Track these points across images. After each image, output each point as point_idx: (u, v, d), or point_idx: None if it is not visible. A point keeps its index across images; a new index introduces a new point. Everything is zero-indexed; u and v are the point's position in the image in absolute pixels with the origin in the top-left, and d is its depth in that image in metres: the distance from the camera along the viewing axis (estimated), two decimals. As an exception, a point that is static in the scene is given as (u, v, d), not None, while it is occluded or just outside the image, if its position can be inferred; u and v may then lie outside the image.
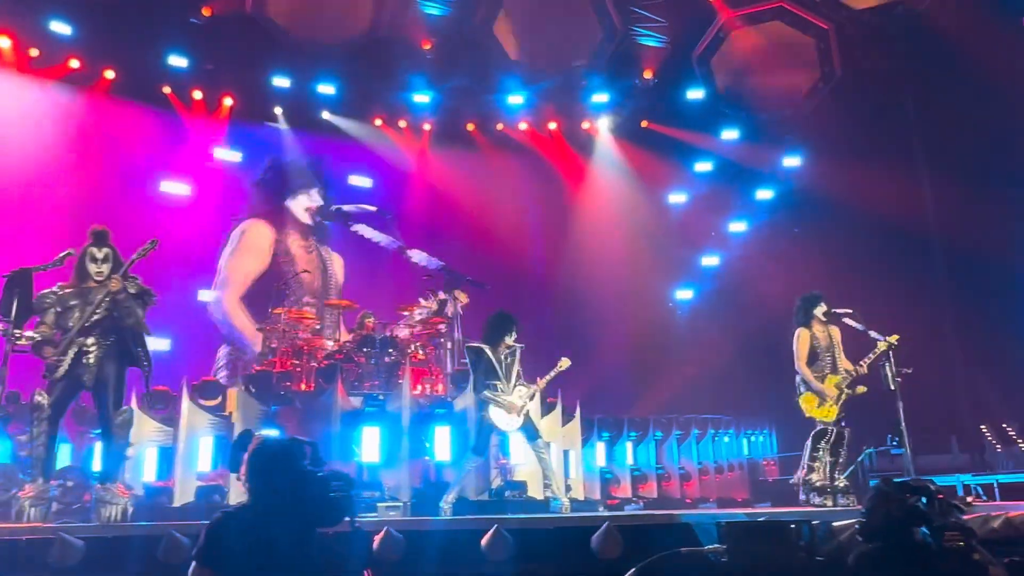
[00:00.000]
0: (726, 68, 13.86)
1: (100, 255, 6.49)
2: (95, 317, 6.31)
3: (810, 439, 7.80)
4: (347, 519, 3.47)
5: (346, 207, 15.03)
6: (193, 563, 3.32)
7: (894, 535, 3.44)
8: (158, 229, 12.09)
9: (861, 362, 7.65)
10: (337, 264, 12.67)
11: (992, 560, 3.43)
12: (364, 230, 12.69)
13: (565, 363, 8.03)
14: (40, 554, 4.54)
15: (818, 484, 7.50)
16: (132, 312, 6.43)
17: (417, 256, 10.53)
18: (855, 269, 12.50)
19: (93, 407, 7.40)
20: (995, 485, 9.65)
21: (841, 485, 7.51)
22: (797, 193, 14.75)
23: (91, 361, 6.32)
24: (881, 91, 13.44)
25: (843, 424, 7.72)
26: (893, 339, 7.45)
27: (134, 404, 7.88)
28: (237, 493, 3.98)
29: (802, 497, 7.65)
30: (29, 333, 6.23)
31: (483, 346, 7.76)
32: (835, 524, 5.02)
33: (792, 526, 4.15)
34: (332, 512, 3.42)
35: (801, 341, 7.85)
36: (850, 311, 7.81)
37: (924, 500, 3.44)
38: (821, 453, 7.65)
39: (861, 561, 3.55)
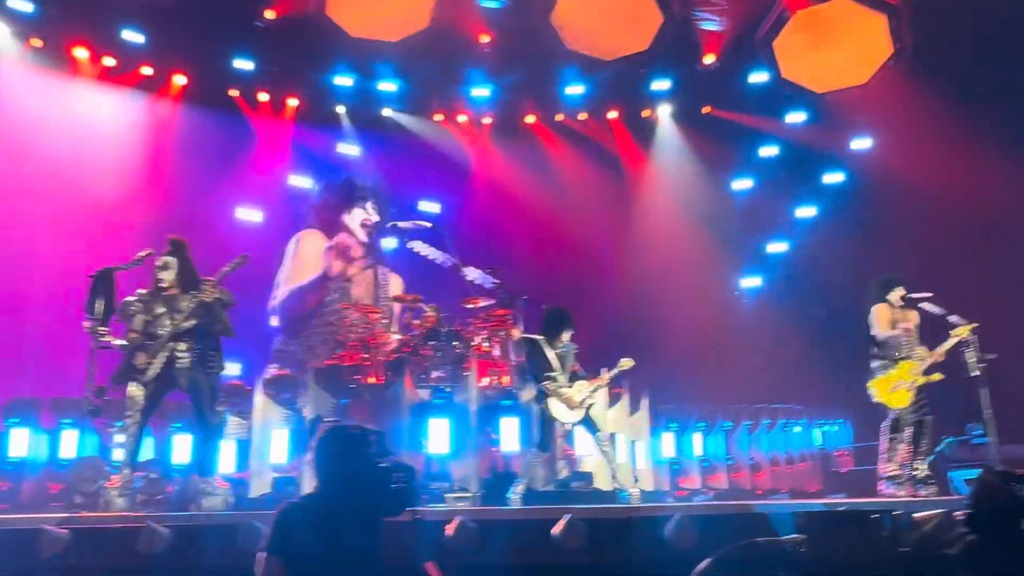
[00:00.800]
0: (791, 49, 13.47)
1: (161, 263, 6.73)
2: (187, 325, 6.57)
3: (884, 430, 7.55)
4: (409, 510, 3.52)
5: (402, 224, 15.07)
6: (264, 554, 3.38)
7: (1001, 526, 3.33)
8: (232, 243, 12.56)
9: (938, 348, 7.36)
10: (395, 284, 12.61)
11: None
12: (419, 247, 12.52)
13: (628, 363, 7.95)
14: (129, 541, 4.72)
15: (896, 474, 7.26)
16: (220, 318, 6.70)
17: (472, 274, 10.51)
18: (931, 255, 12.06)
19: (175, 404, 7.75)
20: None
21: (921, 475, 7.24)
22: (867, 177, 14.32)
23: (184, 365, 6.60)
24: (957, 69, 12.88)
25: (924, 411, 7.44)
26: (966, 329, 7.16)
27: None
28: (309, 482, 4.06)
29: (883, 489, 7.41)
30: (119, 341, 6.52)
31: (537, 338, 7.75)
32: (916, 515, 4.88)
33: (874, 516, 4.03)
34: (394, 502, 3.47)
35: (880, 314, 7.56)
36: (929, 295, 7.53)
37: (1030, 488, 3.32)
38: (896, 443, 7.40)
39: (967, 553, 3.44)
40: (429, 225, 13.06)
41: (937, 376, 7.43)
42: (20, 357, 11.44)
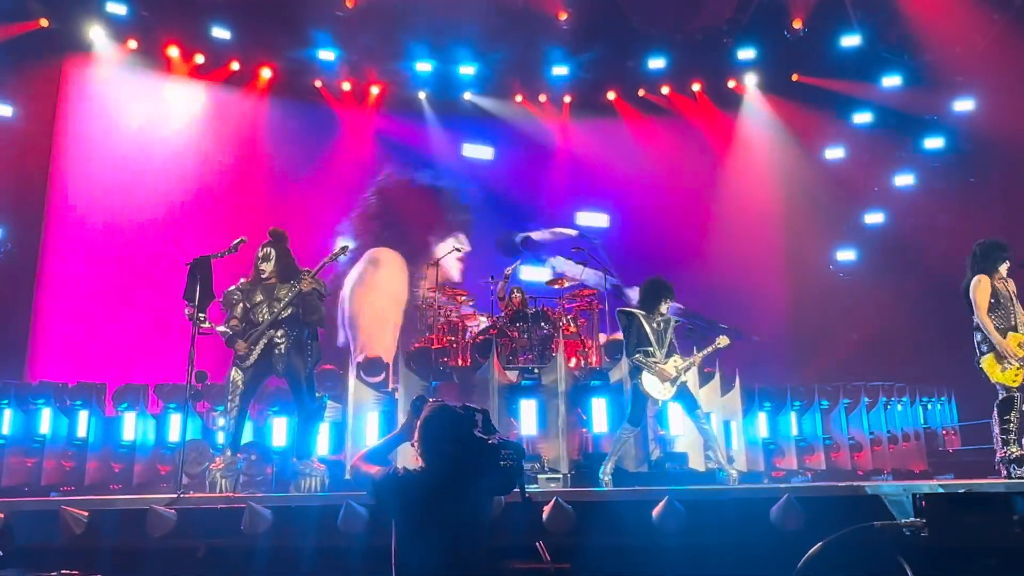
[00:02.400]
0: (885, 8, 12.78)
1: (262, 254, 6.85)
2: (285, 313, 6.69)
3: (995, 411, 7.00)
4: (516, 489, 3.47)
5: (536, 235, 14.54)
6: (373, 479, 3.47)
7: None
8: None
9: None
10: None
11: None
12: (564, 265, 11.33)
13: (724, 341, 7.59)
14: (233, 521, 4.81)
15: (1016, 456, 6.74)
16: (316, 309, 6.81)
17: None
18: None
19: (273, 388, 7.93)
20: None
21: (1017, 454, 6.70)
22: (971, 140, 13.52)
23: (281, 351, 6.73)
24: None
25: None
26: None
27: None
28: (405, 460, 4.04)
29: (1003, 473, 6.90)
30: (221, 328, 6.70)
31: (636, 311, 7.50)
32: (1046, 497, 4.52)
33: (1003, 498, 3.72)
34: (502, 480, 3.43)
35: (981, 289, 6.98)
36: (1022, 266, 6.96)
37: None
38: (1011, 424, 6.85)
39: None
40: (573, 233, 12.06)
41: None
42: (128, 345, 11.97)
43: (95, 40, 12.61)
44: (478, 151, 15.32)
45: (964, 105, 13.73)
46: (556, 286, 10.83)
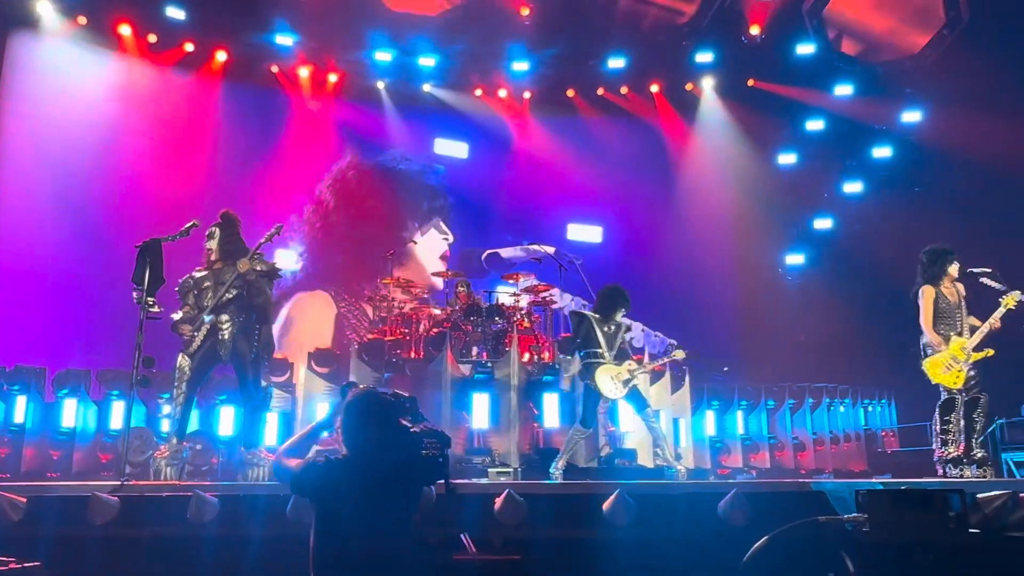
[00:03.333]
0: (840, 19, 13.09)
1: (207, 233, 6.75)
2: (228, 296, 6.57)
3: (937, 411, 7.25)
4: (442, 481, 3.40)
5: (505, 252, 14.33)
6: (291, 471, 3.34)
7: None
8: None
9: (991, 319, 7.01)
10: None
11: None
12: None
13: (680, 354, 7.81)
14: (179, 510, 4.73)
15: (953, 456, 6.98)
16: (261, 291, 6.67)
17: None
18: (984, 231, 11.65)
19: (220, 376, 7.77)
20: None
21: (978, 456, 6.96)
22: (918, 150, 13.91)
23: (225, 337, 6.59)
24: (1012, 37, 12.37)
25: (977, 390, 7.13)
26: (1014, 297, 6.84)
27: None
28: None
29: (940, 472, 7.14)
30: (173, 314, 6.56)
31: (589, 314, 7.61)
32: (981, 496, 4.69)
33: (941, 495, 3.85)
34: (425, 469, 3.36)
35: (926, 298, 7.22)
36: (988, 270, 7.20)
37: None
38: (951, 425, 7.09)
39: None
40: (549, 251, 11.47)
41: (990, 352, 7.09)
42: (69, 329, 11.63)
43: (43, 14, 12.20)
44: (451, 147, 15.26)
45: (912, 116, 14.10)
46: (511, 281, 10.85)
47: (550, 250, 11.36)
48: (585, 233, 15.33)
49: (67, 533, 4.65)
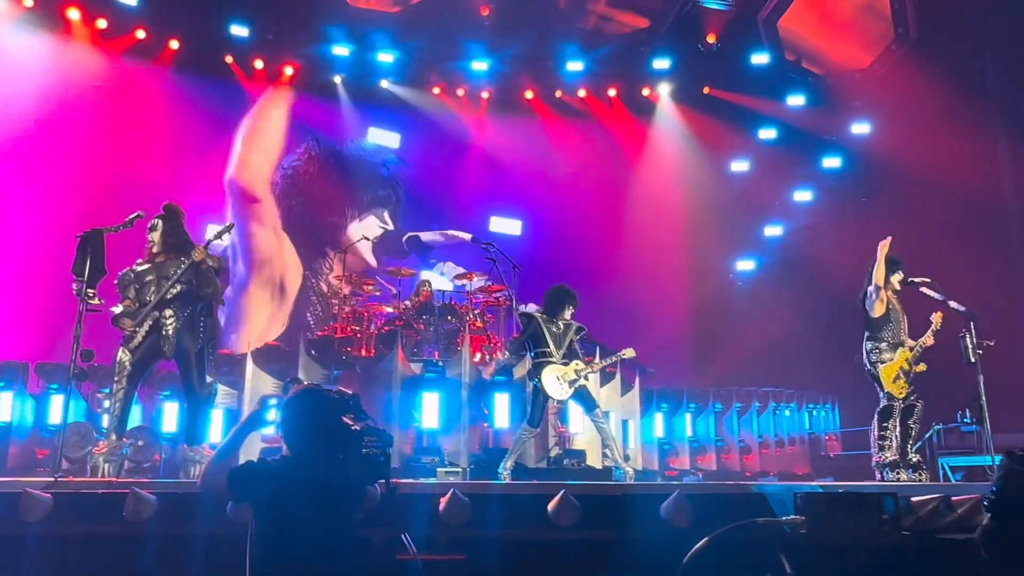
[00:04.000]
0: (793, 31, 13.35)
1: (150, 225, 6.61)
2: (174, 290, 6.42)
3: (876, 418, 7.46)
4: (383, 481, 3.34)
5: (425, 236, 14.41)
6: (224, 476, 3.24)
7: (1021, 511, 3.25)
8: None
9: (925, 338, 7.24)
10: None
11: None
12: (454, 271, 11.13)
13: (629, 352, 7.83)
14: (115, 507, 4.61)
15: (890, 460, 7.19)
16: (211, 282, 6.53)
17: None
18: (927, 241, 11.96)
19: (165, 372, 7.59)
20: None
21: (913, 460, 7.17)
22: (866, 161, 14.23)
23: (169, 332, 6.44)
24: (958, 54, 12.76)
25: (914, 397, 7.35)
26: (939, 317, 7.12)
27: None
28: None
29: (878, 476, 7.34)
30: (114, 308, 6.39)
31: (536, 314, 7.63)
32: (914, 499, 4.83)
33: (875, 498, 3.96)
34: (366, 469, 3.30)
35: (878, 301, 7.39)
36: (928, 280, 7.42)
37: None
38: (888, 431, 7.30)
39: (990, 538, 3.36)
40: (466, 237, 11.90)
41: (922, 367, 7.33)
42: (5, 321, 11.26)
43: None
44: (384, 137, 15.15)
45: (861, 128, 14.40)
46: (465, 281, 10.84)
47: (467, 236, 11.63)
48: (507, 226, 15.36)
49: (-1, 530, 4.51)
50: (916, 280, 7.44)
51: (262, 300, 13.84)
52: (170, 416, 8.86)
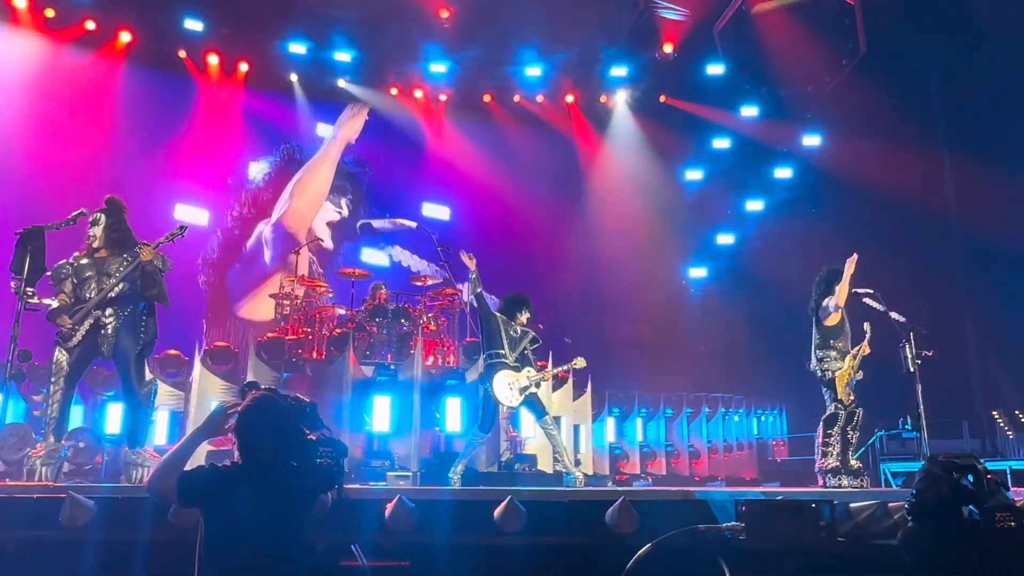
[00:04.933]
0: (748, 43, 13.59)
1: (91, 219, 6.42)
2: (117, 290, 6.26)
3: (821, 424, 7.64)
4: (335, 488, 3.34)
5: (376, 223, 14.60)
6: (173, 481, 3.20)
7: (944, 515, 3.37)
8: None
9: (863, 346, 7.45)
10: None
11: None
12: (403, 256, 11.89)
13: (580, 362, 7.93)
14: (51, 513, 4.50)
15: (832, 467, 7.37)
16: (156, 283, 6.38)
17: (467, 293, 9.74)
18: (872, 251, 12.22)
19: (105, 371, 7.41)
20: (1008, 472, 9.55)
21: (855, 466, 7.36)
22: (815, 173, 14.55)
23: (108, 332, 6.26)
24: (905, 70, 13.15)
25: (855, 404, 7.54)
26: (868, 328, 7.34)
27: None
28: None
29: (820, 482, 7.52)
30: (47, 300, 6.20)
31: (497, 315, 7.66)
32: (853, 505, 4.94)
33: (812, 505, 4.06)
34: (318, 478, 3.29)
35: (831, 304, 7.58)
36: (871, 292, 7.63)
37: (971, 479, 3.36)
38: (832, 438, 7.50)
39: (911, 541, 3.47)
40: (412, 225, 12.51)
41: (860, 375, 7.56)
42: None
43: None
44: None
45: (812, 140, 14.71)
46: (419, 283, 10.81)
47: (412, 224, 11.95)
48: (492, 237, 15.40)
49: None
50: (860, 291, 7.63)
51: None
52: (114, 417, 8.66)
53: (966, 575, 3.33)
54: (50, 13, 12.34)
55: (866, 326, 7.41)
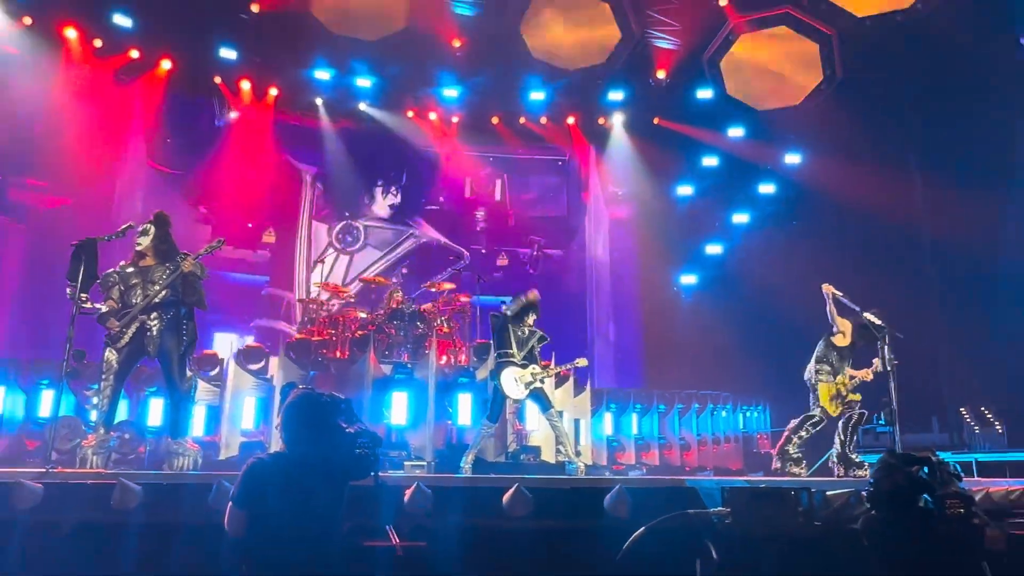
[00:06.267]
0: (734, 69, 13.64)
1: (140, 229, 6.57)
2: (160, 296, 6.38)
3: (801, 418, 7.73)
4: (372, 475, 3.44)
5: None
6: (230, 504, 3.32)
7: (900, 503, 3.41)
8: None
9: (866, 372, 7.57)
10: None
11: (990, 524, 3.40)
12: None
13: (582, 362, 8.05)
14: (103, 497, 4.57)
15: (786, 452, 7.53)
16: (196, 290, 6.50)
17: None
18: (848, 261, 12.30)
19: (147, 369, 7.51)
20: (973, 463, 9.56)
21: (855, 459, 7.46)
22: (797, 189, 14.51)
23: (153, 334, 6.40)
24: (879, 95, 13.15)
25: (856, 408, 7.63)
26: (868, 373, 7.43)
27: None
28: (277, 443, 3.95)
29: (776, 465, 7.63)
30: (100, 306, 6.33)
31: (504, 315, 7.74)
32: (830, 493, 4.99)
33: (792, 493, 4.11)
34: (357, 467, 3.39)
35: (846, 328, 7.72)
36: (840, 294, 7.72)
37: (926, 470, 3.40)
38: (803, 434, 7.62)
39: (869, 526, 3.52)
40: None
41: (857, 397, 7.64)
42: (9, 321, 11.04)
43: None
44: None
45: (793, 159, 14.66)
46: (434, 289, 10.89)
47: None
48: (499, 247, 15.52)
49: (-9, 517, 4.44)
50: (837, 292, 7.71)
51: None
52: (155, 411, 8.77)
53: (919, 558, 3.37)
54: (98, 43, 12.49)
55: (875, 361, 7.50)
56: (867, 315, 7.47)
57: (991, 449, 10.45)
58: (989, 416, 11.38)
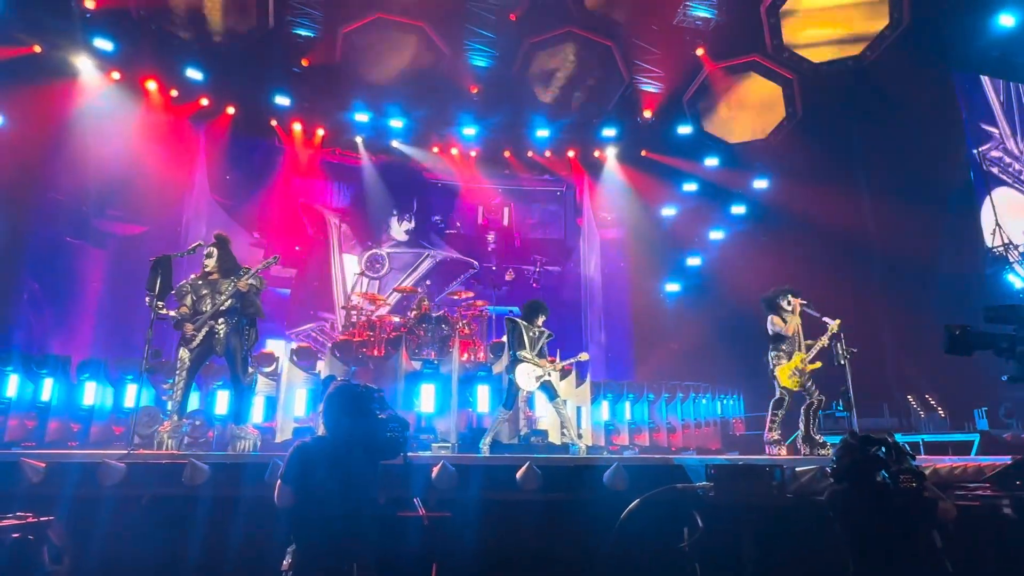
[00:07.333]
0: (709, 108, 13.57)
1: (207, 252, 6.61)
2: (226, 305, 6.40)
3: (770, 405, 7.57)
4: (401, 455, 3.41)
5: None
6: (279, 481, 3.28)
7: (859, 477, 3.32)
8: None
9: (820, 339, 7.37)
10: None
11: (941, 496, 3.30)
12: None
13: (584, 356, 7.96)
14: (176, 475, 4.55)
15: (775, 439, 7.34)
16: (253, 303, 6.53)
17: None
18: (809, 270, 12.14)
19: (214, 365, 7.50)
20: (920, 443, 9.38)
21: (820, 440, 7.29)
22: (764, 209, 14.42)
23: (220, 336, 6.43)
24: (834, 128, 13.06)
25: (817, 393, 7.46)
26: (836, 324, 7.24)
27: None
28: (321, 428, 3.91)
29: (769, 451, 7.44)
30: (173, 313, 6.35)
31: (518, 320, 7.68)
32: (798, 469, 4.89)
33: (767, 469, 4.02)
34: (388, 448, 3.35)
35: (776, 321, 7.53)
36: (806, 302, 7.58)
37: (883, 449, 3.31)
38: (777, 417, 7.44)
39: (833, 499, 3.43)
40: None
41: (817, 364, 7.45)
42: (90, 325, 11.08)
43: (81, 68, 11.67)
44: None
45: (761, 184, 14.56)
46: (456, 297, 10.84)
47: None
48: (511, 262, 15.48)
49: (79, 494, 4.42)
50: (803, 302, 7.58)
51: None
52: (222, 402, 8.76)
53: (877, 526, 3.29)
54: (174, 93, 12.59)
55: (831, 325, 7.29)
56: (825, 319, 7.33)
57: (935, 431, 10.26)
58: (933, 402, 11.20)
